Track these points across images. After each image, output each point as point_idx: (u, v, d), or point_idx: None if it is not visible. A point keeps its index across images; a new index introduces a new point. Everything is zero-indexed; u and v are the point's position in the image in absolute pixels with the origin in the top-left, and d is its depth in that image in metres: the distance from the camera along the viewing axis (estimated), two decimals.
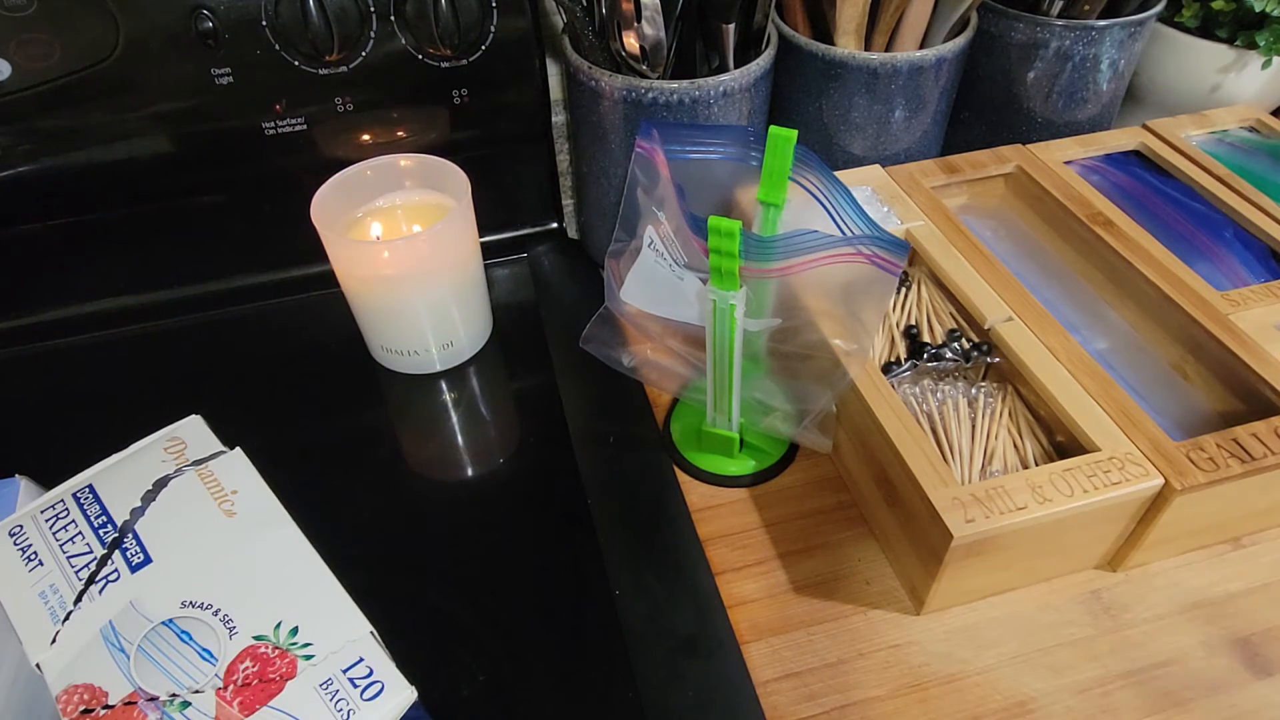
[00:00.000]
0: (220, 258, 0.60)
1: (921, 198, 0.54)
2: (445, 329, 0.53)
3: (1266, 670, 0.40)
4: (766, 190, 0.41)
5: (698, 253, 0.40)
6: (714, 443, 0.49)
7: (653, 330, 0.48)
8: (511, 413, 0.54)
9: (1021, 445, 0.44)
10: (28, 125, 0.50)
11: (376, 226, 0.53)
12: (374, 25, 0.51)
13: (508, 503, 0.48)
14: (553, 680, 0.40)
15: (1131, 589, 0.43)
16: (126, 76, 0.50)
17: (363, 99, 0.54)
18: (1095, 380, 0.43)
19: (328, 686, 0.30)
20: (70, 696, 0.29)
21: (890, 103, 0.56)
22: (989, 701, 0.39)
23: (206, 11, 0.48)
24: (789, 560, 0.45)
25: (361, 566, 0.34)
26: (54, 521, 0.34)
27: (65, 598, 0.32)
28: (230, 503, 0.35)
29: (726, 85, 0.51)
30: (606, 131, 0.54)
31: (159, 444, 0.37)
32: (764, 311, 0.44)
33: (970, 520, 0.37)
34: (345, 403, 0.54)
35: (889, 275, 0.38)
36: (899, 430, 0.41)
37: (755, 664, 0.41)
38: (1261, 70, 0.63)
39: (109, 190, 0.55)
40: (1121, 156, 0.59)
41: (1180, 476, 0.38)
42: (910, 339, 0.49)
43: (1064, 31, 0.58)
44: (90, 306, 0.58)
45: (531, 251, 0.64)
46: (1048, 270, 0.54)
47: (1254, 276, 0.50)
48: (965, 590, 0.42)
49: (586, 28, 0.51)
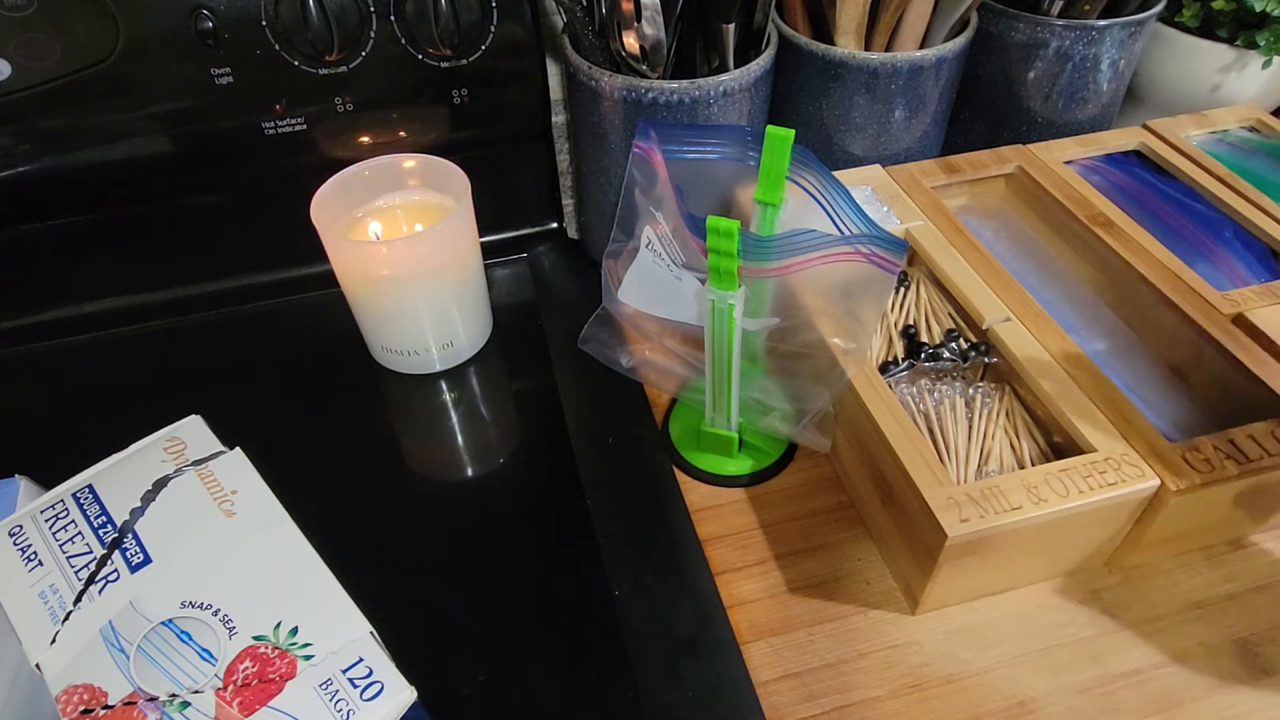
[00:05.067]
0: (220, 258, 0.60)
1: (921, 198, 0.54)
2: (445, 329, 0.53)
3: (1266, 670, 0.40)
4: (764, 190, 0.41)
5: (696, 252, 0.40)
6: (713, 443, 0.49)
7: (651, 330, 0.48)
8: (511, 413, 0.54)
9: (1018, 445, 0.44)
10: (28, 125, 0.50)
11: (376, 226, 0.53)
12: (374, 25, 0.51)
13: (507, 502, 0.48)
14: (553, 680, 0.40)
15: (1131, 589, 0.43)
16: (126, 76, 0.50)
17: (363, 99, 0.54)
18: (1093, 381, 0.43)
19: (327, 686, 0.30)
20: (70, 696, 0.29)
21: (890, 103, 0.56)
22: (989, 702, 0.39)
23: (206, 11, 0.48)
24: (789, 560, 0.45)
25: (361, 566, 0.34)
26: (54, 521, 0.34)
27: (65, 598, 0.32)
28: (230, 503, 0.35)
29: (726, 85, 0.51)
30: (606, 131, 0.54)
31: (159, 444, 0.37)
32: (762, 311, 0.44)
33: (965, 520, 0.37)
34: (345, 403, 0.54)
35: (887, 274, 0.38)
36: (895, 430, 0.41)
37: (755, 664, 0.41)
38: (1262, 70, 0.63)
39: (109, 190, 0.55)
40: (1122, 156, 0.59)
41: (1176, 478, 0.38)
42: (908, 339, 0.49)
43: (1064, 31, 0.58)
44: (90, 306, 0.58)
45: (531, 251, 0.64)
46: (1047, 270, 0.54)
47: (1254, 276, 0.50)
48: (961, 590, 0.42)
49: (586, 28, 0.51)
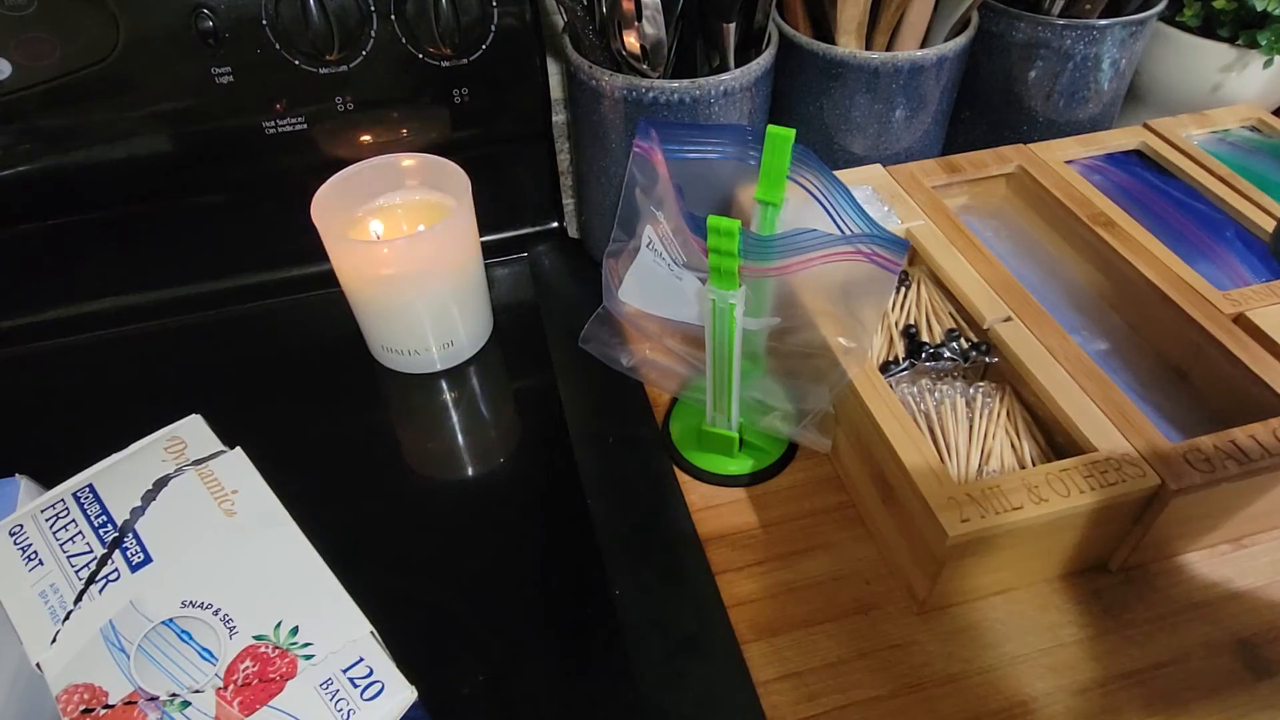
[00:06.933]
0: (220, 258, 0.60)
1: (922, 197, 0.54)
2: (445, 329, 0.53)
3: (1266, 670, 0.40)
4: (765, 189, 0.41)
5: (696, 252, 0.40)
6: (713, 442, 0.49)
7: (651, 330, 0.48)
8: (511, 412, 0.54)
9: (1019, 445, 0.44)
10: (28, 125, 0.50)
11: (376, 226, 0.53)
12: (374, 25, 0.51)
13: (507, 502, 0.48)
14: (553, 680, 0.40)
15: (1131, 589, 0.43)
16: (126, 76, 0.50)
17: (363, 98, 0.54)
18: (1093, 381, 0.43)
19: (328, 686, 0.30)
20: (70, 696, 0.29)
21: (891, 102, 0.56)
22: (989, 702, 0.39)
23: (206, 11, 0.48)
24: (789, 560, 0.45)
25: (361, 566, 0.34)
26: (54, 521, 0.34)
27: (65, 597, 0.32)
28: (230, 502, 0.35)
29: (727, 85, 0.51)
30: (607, 131, 0.54)
31: (159, 444, 0.37)
32: (763, 310, 0.44)
33: (965, 519, 0.37)
34: (345, 403, 0.54)
35: (888, 273, 0.38)
36: (896, 429, 0.41)
37: (755, 664, 0.41)
38: (1263, 69, 0.63)
39: (109, 190, 0.55)
40: (1123, 156, 0.59)
41: (1176, 478, 0.38)
42: (909, 338, 0.49)
43: (1065, 31, 0.58)
44: (90, 306, 0.58)
45: (531, 251, 0.64)
46: (1048, 270, 0.54)
47: (1255, 276, 0.50)
48: (962, 590, 0.42)
49: (587, 27, 0.51)
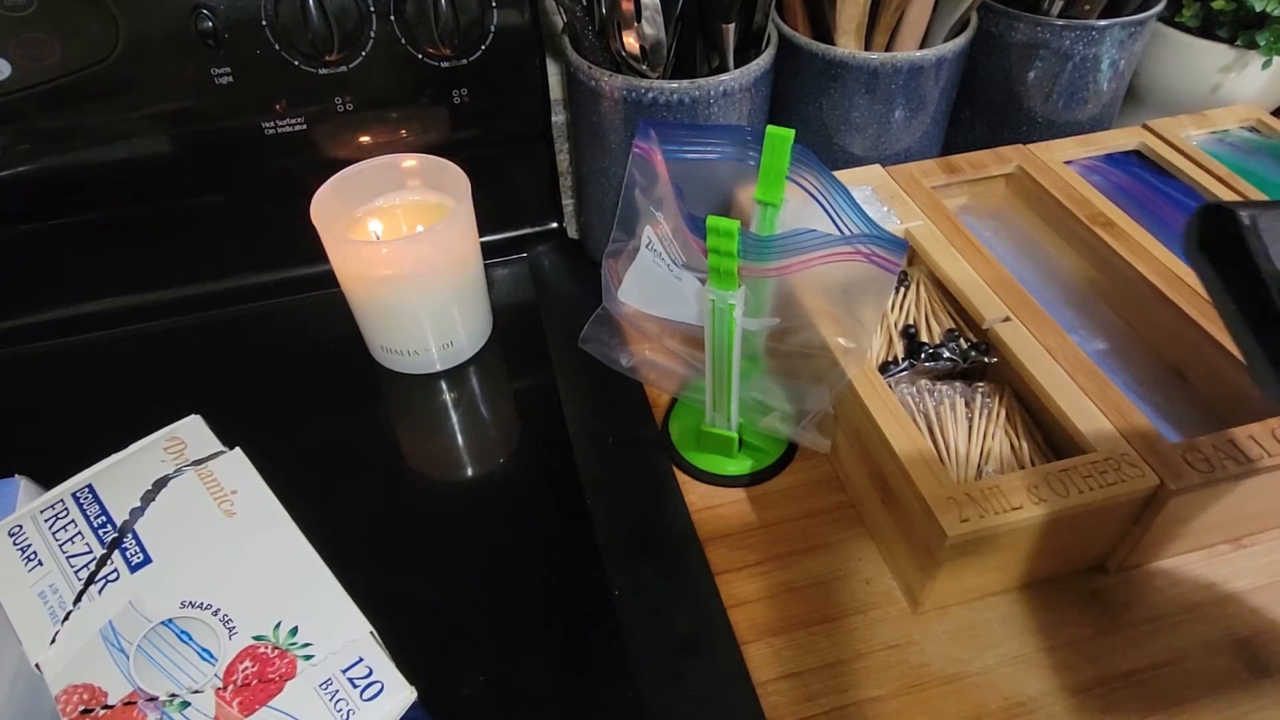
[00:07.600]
0: (220, 258, 0.60)
1: (921, 198, 0.54)
2: (445, 329, 0.53)
3: (1266, 670, 0.40)
4: (764, 190, 0.41)
5: (696, 252, 0.40)
6: (713, 442, 0.49)
7: (651, 330, 0.48)
8: (511, 413, 0.54)
9: (1018, 445, 0.44)
10: (28, 125, 0.50)
11: (376, 226, 0.53)
12: (374, 25, 0.51)
13: (507, 503, 0.48)
14: (553, 680, 0.40)
15: (1131, 589, 0.43)
16: (126, 76, 0.50)
17: (363, 99, 0.54)
18: (1092, 381, 0.43)
19: (327, 686, 0.30)
20: (70, 696, 0.29)
21: (890, 103, 0.56)
22: (989, 702, 0.39)
23: (206, 11, 0.48)
24: (788, 560, 0.45)
25: (361, 566, 0.34)
26: (54, 521, 0.34)
27: (65, 598, 0.32)
28: (230, 503, 0.35)
29: (726, 85, 0.51)
30: (606, 131, 0.54)
31: (159, 444, 0.37)
32: (762, 311, 0.44)
33: (965, 519, 0.37)
34: (345, 403, 0.54)
35: (887, 273, 0.38)
36: (895, 430, 0.41)
37: (755, 664, 0.41)
38: (1262, 70, 0.63)
39: (109, 190, 0.55)
40: (1122, 156, 0.59)
41: (1175, 478, 0.38)
42: (908, 339, 0.49)
43: (1064, 31, 0.58)
44: (90, 306, 0.58)
45: (531, 251, 0.64)
46: (1048, 270, 0.54)
47: None
48: (961, 590, 0.42)
49: (586, 27, 0.51)
